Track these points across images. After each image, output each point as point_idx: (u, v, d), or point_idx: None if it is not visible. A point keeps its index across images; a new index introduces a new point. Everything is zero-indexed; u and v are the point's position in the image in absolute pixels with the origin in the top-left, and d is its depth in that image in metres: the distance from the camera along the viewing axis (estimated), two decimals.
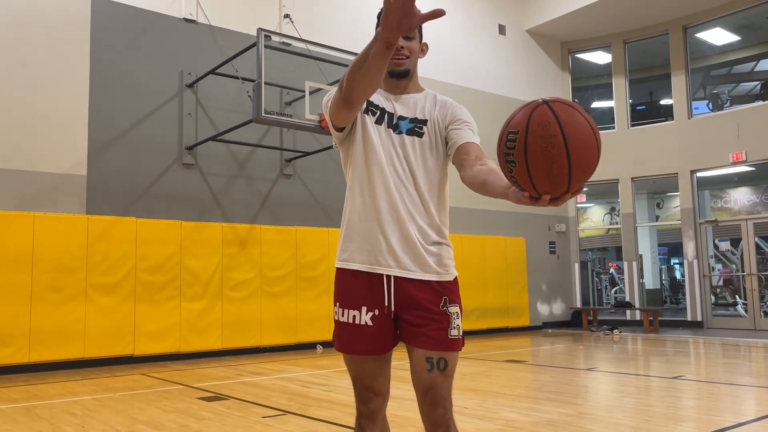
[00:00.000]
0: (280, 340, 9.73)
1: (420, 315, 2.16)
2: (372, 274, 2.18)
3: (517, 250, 13.45)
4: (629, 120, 14.53)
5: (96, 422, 4.76)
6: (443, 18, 15.01)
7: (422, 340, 2.14)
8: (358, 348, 2.21)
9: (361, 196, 2.22)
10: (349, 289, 2.23)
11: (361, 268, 2.19)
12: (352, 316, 2.20)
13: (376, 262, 2.17)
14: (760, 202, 13.94)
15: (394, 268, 2.17)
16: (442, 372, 2.11)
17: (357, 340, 2.20)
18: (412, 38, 2.26)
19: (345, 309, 2.22)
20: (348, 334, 2.22)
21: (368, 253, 2.18)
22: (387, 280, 2.17)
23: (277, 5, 10.52)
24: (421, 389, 2.12)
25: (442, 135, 2.27)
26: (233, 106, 9.92)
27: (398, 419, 4.58)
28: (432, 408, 2.10)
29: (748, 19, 13.64)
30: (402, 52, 2.24)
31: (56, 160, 8.45)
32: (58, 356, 7.86)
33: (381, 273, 2.17)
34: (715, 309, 13.72)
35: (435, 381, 2.10)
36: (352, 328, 2.20)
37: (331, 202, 10.76)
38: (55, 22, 8.60)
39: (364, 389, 2.26)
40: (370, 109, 2.27)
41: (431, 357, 2.11)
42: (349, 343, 2.22)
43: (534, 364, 7.97)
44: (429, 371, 2.11)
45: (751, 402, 5.27)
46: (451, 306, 2.18)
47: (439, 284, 2.20)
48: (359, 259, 2.20)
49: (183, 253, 8.96)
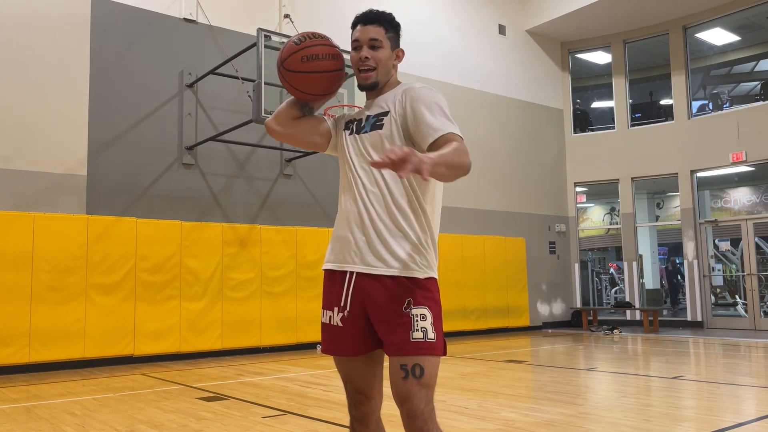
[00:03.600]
0: (280, 340, 9.73)
1: (382, 318, 2.09)
2: (339, 273, 2.20)
3: (517, 250, 13.45)
4: (629, 120, 14.53)
5: (96, 422, 4.76)
6: (443, 18, 14.94)
7: (388, 346, 2.07)
8: (337, 349, 2.20)
9: (340, 204, 2.28)
10: (327, 289, 2.25)
11: (333, 267, 2.22)
12: (328, 316, 2.22)
13: (343, 260, 2.18)
14: (760, 202, 13.94)
15: (359, 265, 2.14)
16: (418, 380, 2.00)
17: (334, 340, 2.20)
18: (378, 47, 2.23)
19: (323, 309, 2.25)
20: (326, 334, 2.24)
21: (338, 253, 2.21)
22: (349, 277, 2.15)
23: (277, 5, 10.52)
24: (397, 399, 2.04)
25: (403, 121, 2.18)
26: (233, 106, 9.92)
27: (398, 419, 4.58)
28: (409, 421, 2.01)
29: (748, 19, 13.64)
30: (367, 63, 2.23)
31: (56, 160, 8.45)
32: (58, 356, 7.85)
33: (345, 270, 2.17)
34: (715, 309, 13.73)
35: (410, 390, 1.99)
36: (328, 329, 2.22)
37: (331, 202, 10.76)
38: (55, 22, 8.60)
39: (354, 392, 2.22)
40: (346, 125, 2.34)
41: (405, 364, 2.01)
42: (329, 343, 2.23)
43: (534, 364, 7.97)
44: (404, 379, 2.01)
45: (751, 402, 5.27)
46: (416, 308, 2.05)
47: (408, 281, 2.08)
48: (332, 258, 2.24)
49: (183, 253, 8.96)
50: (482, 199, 13.28)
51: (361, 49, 2.25)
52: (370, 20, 2.27)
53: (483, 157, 13.21)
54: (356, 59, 2.27)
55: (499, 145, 13.62)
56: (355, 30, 2.29)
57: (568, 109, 15.31)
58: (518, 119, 14.20)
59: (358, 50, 2.26)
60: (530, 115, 14.50)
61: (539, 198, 14.45)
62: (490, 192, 13.44)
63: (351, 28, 2.32)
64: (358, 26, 2.28)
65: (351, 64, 2.32)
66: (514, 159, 13.99)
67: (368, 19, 2.27)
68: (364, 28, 2.26)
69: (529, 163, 14.31)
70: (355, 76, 2.30)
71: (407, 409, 2.02)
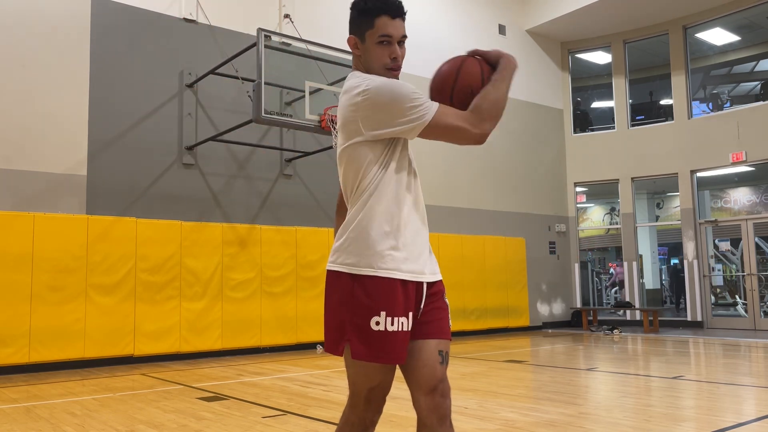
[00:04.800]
0: (280, 340, 9.73)
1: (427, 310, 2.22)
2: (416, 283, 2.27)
3: (517, 250, 13.45)
4: (629, 120, 14.53)
5: (96, 422, 4.76)
6: (443, 18, 14.91)
7: (430, 325, 2.21)
8: (402, 355, 2.11)
9: (398, 207, 2.14)
10: (398, 295, 2.14)
11: (410, 279, 2.22)
12: (400, 323, 2.08)
13: (420, 271, 2.23)
14: (760, 202, 13.94)
15: (428, 275, 2.20)
16: (446, 366, 2.14)
17: (403, 347, 2.09)
18: (403, 43, 2.18)
19: (392, 317, 2.07)
20: (394, 342, 2.07)
21: (414, 263, 2.23)
22: (427, 287, 2.25)
23: (277, 5, 10.52)
24: (431, 382, 2.07)
25: None
26: (233, 106, 9.92)
27: (398, 419, 4.58)
28: (442, 400, 2.07)
29: (748, 19, 13.64)
30: (398, 62, 2.16)
31: (56, 160, 8.45)
32: (58, 356, 7.85)
33: (421, 281, 2.24)
34: (715, 309, 13.73)
35: (444, 373, 2.12)
36: (400, 336, 2.08)
37: (331, 202, 10.76)
38: (55, 22, 8.60)
39: (381, 398, 2.20)
40: None
41: (442, 349, 2.15)
42: (400, 351, 2.09)
43: (534, 364, 7.97)
44: (441, 364, 2.13)
45: (751, 402, 5.27)
46: (445, 299, 2.26)
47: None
48: (409, 268, 2.22)
49: (183, 253, 8.96)
50: (482, 199, 13.28)
51: (391, 44, 2.11)
52: (400, 12, 2.12)
53: (483, 156, 13.21)
54: (385, 56, 2.12)
55: (499, 145, 13.62)
56: (380, 19, 2.09)
57: (568, 109, 15.31)
58: (518, 119, 14.19)
59: (388, 45, 2.11)
60: (530, 115, 14.50)
61: (539, 198, 14.45)
62: (490, 192, 13.44)
63: (368, 15, 2.11)
64: (384, 17, 2.09)
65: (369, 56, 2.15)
66: (514, 159, 13.99)
67: (398, 11, 2.12)
68: (394, 22, 2.10)
69: (529, 163, 14.31)
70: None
71: (442, 389, 2.07)
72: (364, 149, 2.07)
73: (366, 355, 2.04)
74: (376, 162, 2.08)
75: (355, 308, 2.05)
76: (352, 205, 2.13)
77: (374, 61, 2.12)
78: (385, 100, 1.99)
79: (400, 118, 2.00)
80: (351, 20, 2.17)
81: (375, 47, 2.11)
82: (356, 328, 2.04)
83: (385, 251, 2.06)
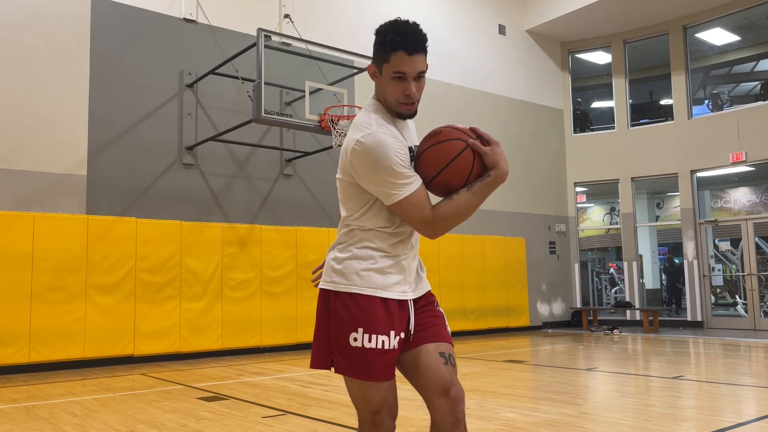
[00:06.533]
0: (280, 340, 9.73)
1: (420, 318, 2.25)
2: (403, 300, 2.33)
3: (517, 250, 13.45)
4: (629, 120, 14.53)
5: (96, 422, 4.76)
6: (443, 18, 14.89)
7: (427, 330, 2.26)
8: (391, 372, 2.13)
9: (393, 229, 2.22)
10: (380, 313, 2.14)
11: (399, 297, 2.24)
12: (381, 341, 2.09)
13: (409, 291, 2.29)
14: (760, 202, 13.94)
15: (417, 292, 2.26)
16: (454, 369, 2.14)
17: (390, 364, 2.12)
18: (422, 77, 2.11)
19: (372, 334, 2.09)
20: (379, 360, 2.09)
21: (403, 283, 2.27)
22: (413, 303, 2.31)
23: (277, 5, 10.52)
24: (440, 385, 2.06)
25: None
26: (233, 106, 9.92)
27: (398, 419, 4.58)
28: (456, 404, 2.05)
29: (748, 19, 13.64)
30: (414, 98, 2.10)
31: (56, 160, 8.45)
32: (58, 356, 7.85)
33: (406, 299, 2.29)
34: (715, 309, 13.73)
35: (453, 375, 2.11)
36: (381, 354, 2.09)
37: (331, 202, 10.77)
38: (55, 22, 8.60)
39: (389, 417, 2.19)
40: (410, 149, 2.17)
41: (443, 352, 2.16)
42: (386, 368, 2.11)
43: (534, 364, 7.97)
44: (445, 365, 2.13)
45: (751, 402, 5.27)
46: (439, 308, 2.34)
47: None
48: (400, 289, 2.25)
49: (183, 253, 8.96)
50: None
51: (406, 80, 2.05)
52: (418, 48, 2.04)
53: None
54: (399, 92, 2.07)
55: None
56: (396, 55, 2.02)
57: (568, 109, 15.31)
58: (518, 119, 14.20)
59: (403, 81, 2.06)
60: (530, 115, 14.50)
61: (539, 198, 14.45)
62: None
63: (385, 48, 2.05)
64: (400, 53, 2.02)
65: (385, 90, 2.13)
66: (514, 159, 13.98)
67: (415, 47, 2.03)
68: (411, 59, 2.02)
69: (529, 163, 14.31)
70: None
71: (454, 393, 2.05)
72: (354, 186, 2.12)
73: (346, 370, 2.10)
74: (365, 197, 2.12)
75: (337, 324, 2.11)
76: (342, 227, 2.19)
77: (388, 94, 2.10)
78: (370, 163, 2.01)
79: (375, 185, 2.04)
80: (373, 47, 2.14)
81: (390, 81, 2.08)
82: (337, 344, 2.11)
83: (364, 271, 2.11)
